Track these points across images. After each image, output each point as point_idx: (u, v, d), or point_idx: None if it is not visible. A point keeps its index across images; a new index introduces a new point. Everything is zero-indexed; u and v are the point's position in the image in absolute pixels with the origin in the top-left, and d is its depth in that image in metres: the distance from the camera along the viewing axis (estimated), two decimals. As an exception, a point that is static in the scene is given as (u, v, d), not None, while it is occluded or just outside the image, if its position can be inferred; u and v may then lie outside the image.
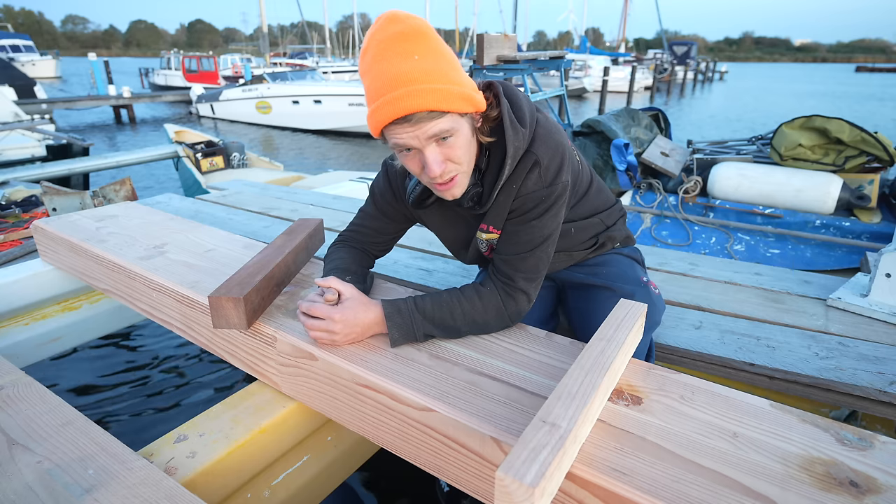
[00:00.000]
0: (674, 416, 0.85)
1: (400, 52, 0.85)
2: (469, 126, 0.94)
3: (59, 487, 0.85)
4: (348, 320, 1.01)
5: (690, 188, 3.50)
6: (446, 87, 0.86)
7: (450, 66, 0.89)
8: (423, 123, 0.87)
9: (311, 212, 2.42)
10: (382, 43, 0.86)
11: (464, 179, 0.98)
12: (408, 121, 0.86)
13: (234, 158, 5.17)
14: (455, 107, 0.88)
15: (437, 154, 0.91)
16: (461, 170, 0.96)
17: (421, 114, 0.85)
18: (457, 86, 0.88)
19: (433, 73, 0.86)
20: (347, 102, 11.45)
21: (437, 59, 0.87)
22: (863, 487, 0.70)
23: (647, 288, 1.19)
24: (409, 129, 0.87)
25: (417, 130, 0.88)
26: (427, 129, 0.88)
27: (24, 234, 2.48)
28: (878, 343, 1.27)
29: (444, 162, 0.92)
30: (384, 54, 0.85)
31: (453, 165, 0.94)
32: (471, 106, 0.91)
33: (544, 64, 5.70)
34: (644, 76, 24.32)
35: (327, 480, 1.28)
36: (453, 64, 0.90)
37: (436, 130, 0.88)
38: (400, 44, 0.85)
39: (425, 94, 0.84)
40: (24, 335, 1.71)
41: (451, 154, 0.92)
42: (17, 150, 5.48)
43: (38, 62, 30.09)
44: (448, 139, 0.91)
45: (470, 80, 0.94)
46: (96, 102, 13.75)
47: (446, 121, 0.88)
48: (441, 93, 0.85)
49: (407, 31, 0.86)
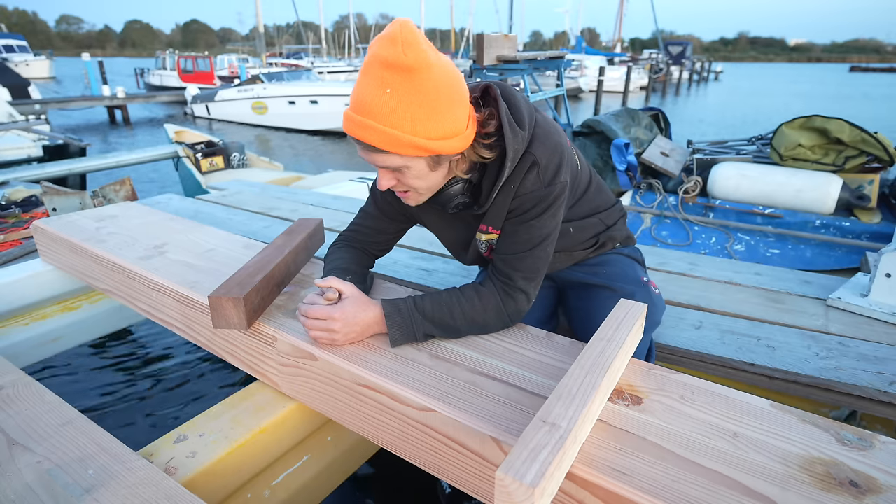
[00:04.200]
0: (674, 416, 0.85)
1: (379, 78, 0.84)
2: (426, 163, 0.92)
3: (59, 487, 0.85)
4: (348, 320, 1.01)
5: (690, 188, 3.50)
6: (398, 133, 0.85)
7: (423, 111, 0.84)
8: (371, 153, 0.90)
9: (311, 212, 2.42)
10: (372, 59, 0.85)
11: (417, 196, 1.01)
12: (359, 143, 0.89)
13: (234, 158, 5.17)
14: (401, 152, 0.88)
15: (386, 177, 0.95)
16: (414, 191, 0.99)
17: (369, 145, 0.88)
18: (413, 135, 0.85)
19: (396, 114, 0.84)
20: (344, 103, 11.44)
21: (410, 101, 0.83)
22: (863, 487, 0.70)
23: (647, 288, 1.19)
24: (361, 151, 0.91)
25: (367, 156, 0.91)
26: (376, 158, 0.91)
27: (24, 234, 2.48)
28: (878, 343, 1.27)
29: (395, 183, 0.96)
30: (367, 70, 0.86)
31: (405, 186, 0.98)
32: (425, 153, 0.89)
33: (543, 64, 5.71)
34: (640, 76, 24.31)
35: (327, 480, 1.28)
36: (430, 108, 0.85)
37: (384, 164, 0.91)
38: (383, 70, 0.83)
39: (374, 133, 0.85)
40: (24, 335, 1.71)
41: (403, 180, 0.96)
42: (14, 151, 5.47)
43: (31, 62, 29.93)
44: (401, 169, 0.93)
45: (451, 125, 0.88)
46: (90, 103, 13.70)
47: (395, 159, 0.90)
48: (389, 137, 0.85)
49: (396, 62, 0.82)
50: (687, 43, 34.31)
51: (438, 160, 0.93)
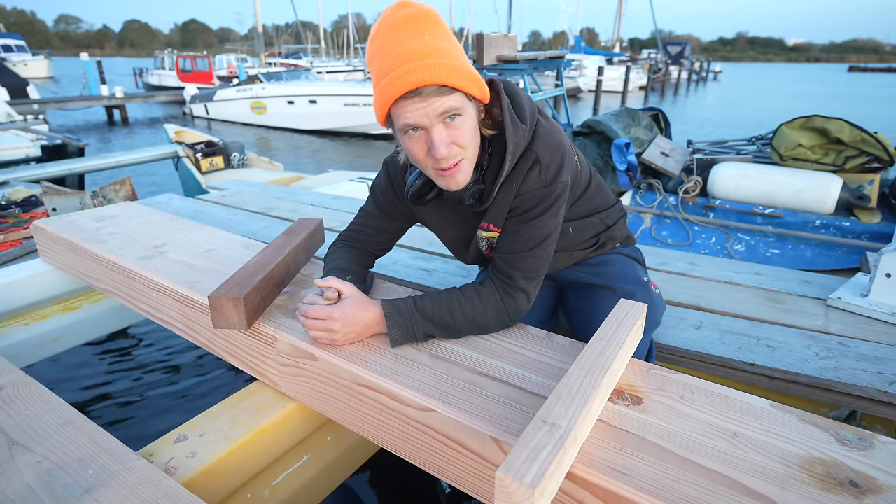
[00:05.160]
0: (674, 416, 0.85)
1: (411, 31, 0.87)
2: (475, 112, 0.95)
3: (58, 487, 0.85)
4: (347, 320, 1.01)
5: (690, 188, 3.50)
6: (457, 63, 0.88)
7: (459, 50, 0.91)
8: (432, 98, 0.86)
9: (311, 212, 2.42)
10: (394, 25, 0.87)
11: (468, 167, 0.97)
12: (417, 94, 0.86)
13: (234, 158, 5.17)
14: (464, 84, 0.89)
15: (443, 135, 0.90)
16: (466, 155, 0.95)
17: (431, 88, 0.85)
18: (466, 65, 0.90)
19: (444, 50, 0.87)
20: (343, 102, 11.43)
21: (448, 40, 0.90)
22: (863, 487, 0.70)
23: (647, 288, 1.19)
24: (418, 104, 0.87)
25: (427, 106, 0.87)
26: (436, 104, 0.87)
27: (24, 234, 2.48)
28: (878, 343, 1.27)
29: (450, 144, 0.91)
30: (395, 35, 0.87)
31: (458, 149, 0.93)
32: (478, 89, 0.92)
33: (544, 64, 5.71)
34: (638, 76, 24.31)
35: (327, 480, 1.28)
36: (461, 49, 0.93)
37: (445, 107, 0.88)
38: (411, 25, 0.87)
39: (437, 68, 0.85)
40: (24, 335, 1.71)
41: (458, 136, 0.91)
42: (12, 151, 5.47)
43: (29, 62, 29.92)
44: (455, 119, 0.90)
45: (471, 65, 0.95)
46: (89, 103, 13.70)
47: (455, 98, 0.88)
48: (452, 68, 0.86)
49: (419, 14, 0.88)
50: (686, 43, 34.35)
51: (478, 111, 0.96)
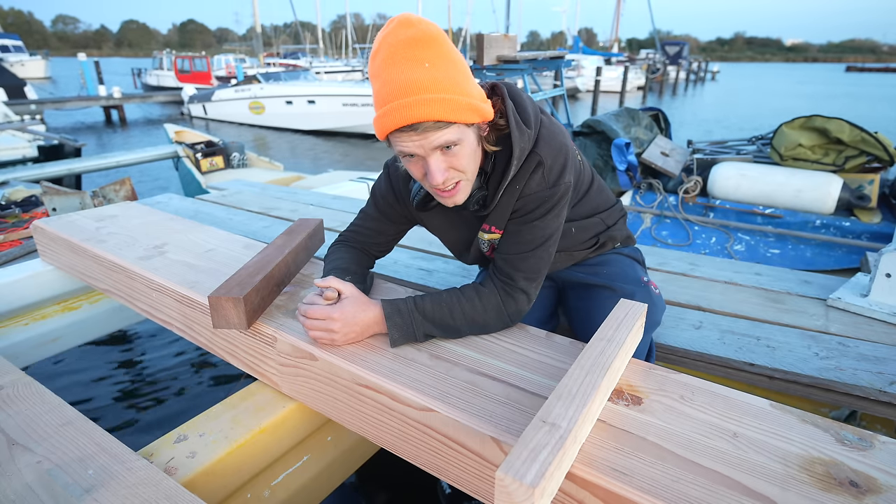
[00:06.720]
0: (674, 416, 0.85)
1: (411, 58, 0.84)
2: (475, 135, 0.94)
3: (58, 487, 0.85)
4: (347, 320, 1.01)
5: (690, 188, 3.50)
6: (454, 97, 0.85)
7: (461, 75, 0.88)
8: (428, 133, 0.86)
9: (311, 212, 2.42)
10: (393, 47, 0.85)
11: (467, 187, 0.98)
12: (414, 129, 0.86)
13: (234, 158, 5.17)
14: (462, 118, 0.87)
15: (440, 163, 0.91)
16: (465, 177, 0.96)
17: (427, 123, 0.85)
18: (465, 96, 0.87)
19: (443, 82, 0.85)
20: (341, 103, 11.41)
21: (448, 67, 0.86)
22: (863, 487, 0.70)
23: (647, 288, 1.19)
24: (414, 138, 0.87)
25: (423, 140, 0.87)
26: (432, 139, 0.87)
27: (24, 234, 2.48)
28: (878, 343, 1.27)
29: (448, 170, 0.92)
30: (395, 59, 0.85)
31: (456, 173, 0.94)
32: (478, 116, 0.91)
33: (543, 64, 5.71)
34: (636, 76, 24.29)
35: (327, 480, 1.28)
36: (464, 72, 0.89)
37: (441, 141, 0.88)
38: (411, 49, 0.84)
39: (433, 105, 0.84)
40: (24, 335, 1.71)
41: (455, 163, 0.92)
42: (9, 151, 5.46)
43: (27, 62, 29.88)
44: (453, 148, 0.90)
45: (479, 88, 0.93)
46: (86, 103, 13.66)
47: (452, 131, 0.88)
48: (449, 103, 0.85)
49: (419, 37, 0.84)
50: (684, 43, 34.34)
51: (480, 131, 0.95)
